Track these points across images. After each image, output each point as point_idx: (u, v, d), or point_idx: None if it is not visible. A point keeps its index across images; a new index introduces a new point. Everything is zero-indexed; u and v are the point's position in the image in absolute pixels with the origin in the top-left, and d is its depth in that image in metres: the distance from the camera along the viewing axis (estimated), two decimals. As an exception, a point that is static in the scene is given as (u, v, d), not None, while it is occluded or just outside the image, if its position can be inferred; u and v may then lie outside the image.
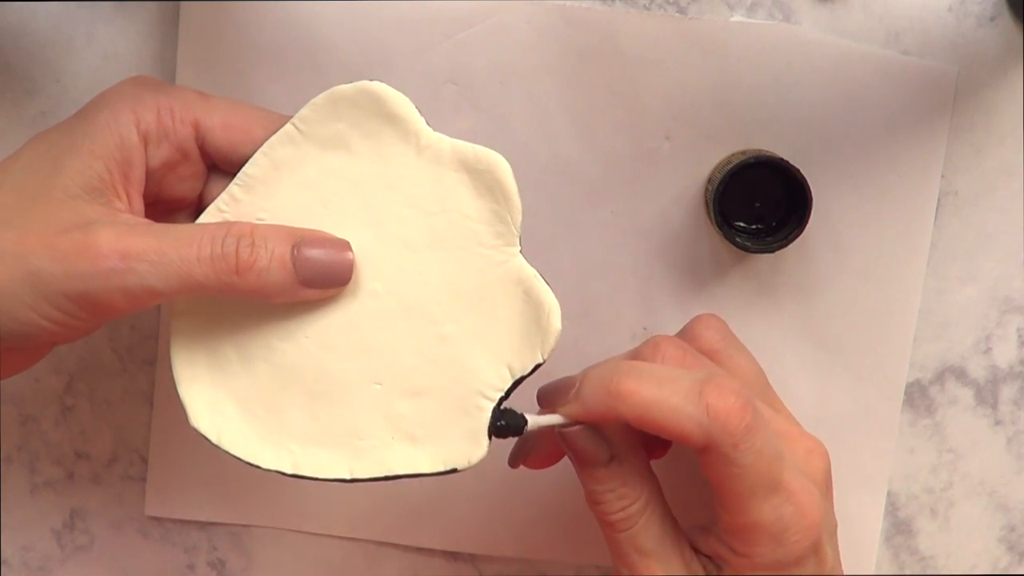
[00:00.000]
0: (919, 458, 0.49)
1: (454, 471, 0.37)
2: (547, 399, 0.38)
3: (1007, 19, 0.45)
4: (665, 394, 0.35)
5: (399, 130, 0.38)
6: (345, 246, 0.37)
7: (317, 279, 0.37)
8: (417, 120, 0.38)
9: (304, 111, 0.38)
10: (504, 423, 0.36)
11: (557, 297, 0.45)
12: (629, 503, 0.37)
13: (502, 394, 0.37)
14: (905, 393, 0.48)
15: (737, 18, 0.45)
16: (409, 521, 0.49)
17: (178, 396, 0.38)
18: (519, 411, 0.37)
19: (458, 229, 0.38)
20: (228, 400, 0.38)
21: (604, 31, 0.45)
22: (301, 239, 0.37)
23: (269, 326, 0.38)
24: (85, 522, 0.50)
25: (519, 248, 0.38)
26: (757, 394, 0.39)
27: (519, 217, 0.37)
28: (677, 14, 0.45)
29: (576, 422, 0.37)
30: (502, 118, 0.46)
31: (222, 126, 0.38)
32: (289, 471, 0.38)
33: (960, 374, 0.48)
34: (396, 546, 0.50)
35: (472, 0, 0.45)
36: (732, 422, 0.34)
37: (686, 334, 0.41)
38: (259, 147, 0.38)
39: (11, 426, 0.49)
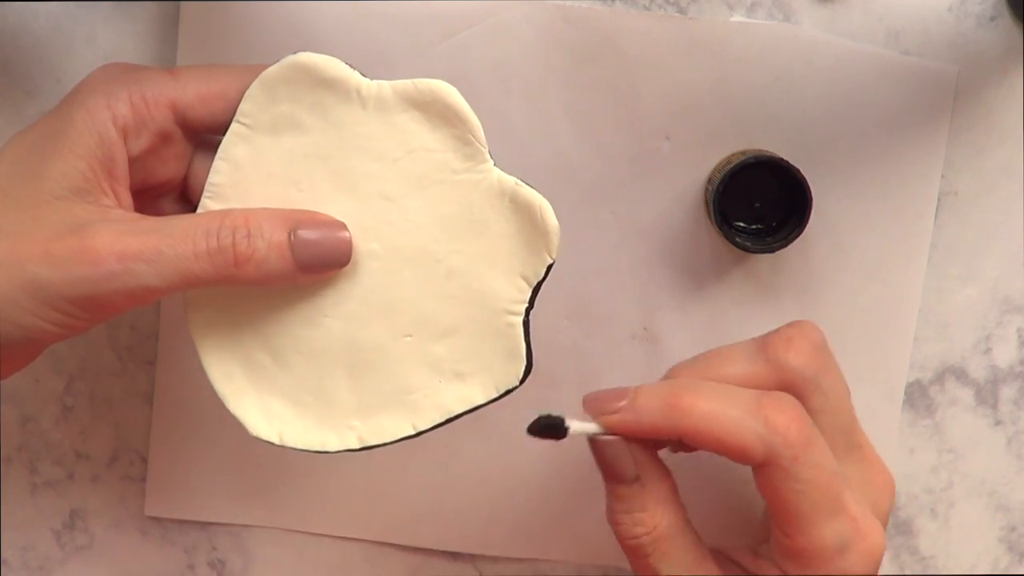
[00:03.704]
0: (919, 458, 0.48)
1: (508, 392, 0.37)
2: (594, 407, 0.37)
3: (1007, 19, 0.45)
4: (724, 408, 0.35)
5: (339, 92, 0.38)
6: (340, 226, 0.37)
7: (316, 264, 0.37)
8: (352, 76, 0.38)
9: (243, 106, 0.38)
10: (545, 424, 0.36)
11: (556, 296, 0.45)
12: (644, 531, 0.37)
13: (525, 304, 0.37)
14: (905, 393, 0.48)
15: (737, 18, 0.45)
16: (409, 521, 0.49)
17: (231, 414, 0.39)
18: (559, 415, 0.36)
19: (427, 165, 0.38)
20: (277, 401, 0.39)
21: (604, 31, 0.45)
22: (297, 223, 0.36)
23: (288, 318, 0.38)
24: (85, 522, 0.50)
25: (491, 162, 0.38)
26: (845, 424, 0.39)
27: (480, 133, 0.38)
28: (677, 14, 0.45)
29: (622, 434, 0.36)
30: (502, 118, 0.46)
31: (198, 100, 0.38)
32: (357, 446, 0.38)
33: (960, 374, 0.48)
34: (396, 546, 0.50)
35: (472, 0, 0.45)
36: (791, 434, 0.34)
37: (768, 351, 0.38)
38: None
39: (11, 426, 0.49)
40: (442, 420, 0.38)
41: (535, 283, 0.37)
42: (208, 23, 0.45)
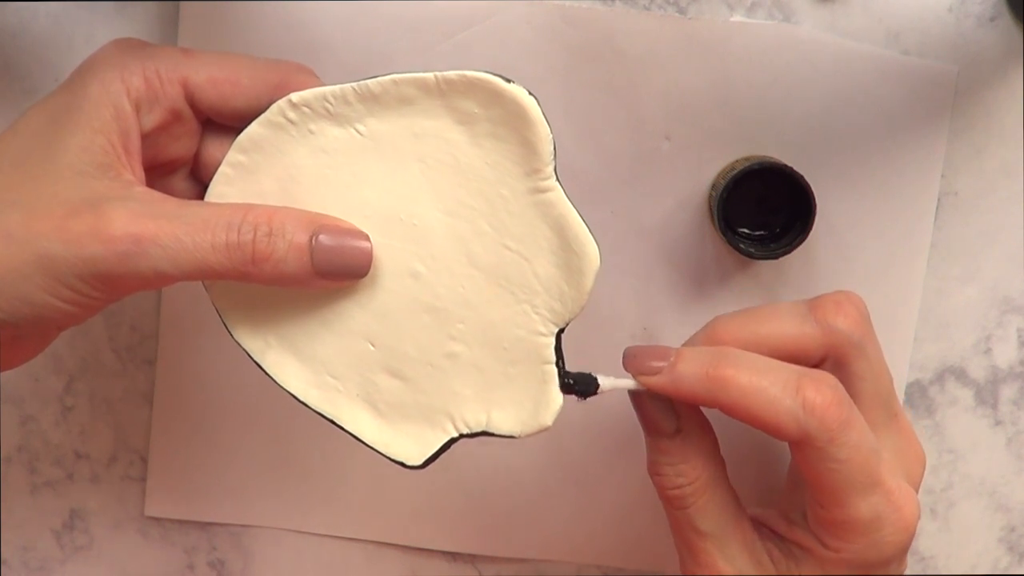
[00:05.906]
0: (919, 458, 0.49)
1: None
2: (633, 363, 0.37)
3: (1007, 19, 0.45)
4: (763, 384, 0.35)
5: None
6: (362, 236, 0.36)
7: (334, 271, 0.36)
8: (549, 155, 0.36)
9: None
10: (576, 383, 0.36)
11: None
12: (686, 482, 0.37)
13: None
14: (905, 393, 0.48)
15: (737, 18, 0.45)
16: (409, 521, 0.49)
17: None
18: (592, 374, 0.36)
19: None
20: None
21: (604, 31, 0.45)
22: (320, 227, 0.36)
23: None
24: (85, 522, 0.50)
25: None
26: (885, 392, 0.39)
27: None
28: (677, 14, 0.45)
29: (657, 395, 0.37)
30: (502, 118, 0.46)
31: (209, 81, 0.37)
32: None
33: (960, 374, 0.48)
34: (396, 546, 0.50)
35: (472, 0, 0.45)
36: (829, 416, 0.34)
37: (818, 313, 0.39)
38: (248, 97, 0.37)
39: (11, 426, 0.49)
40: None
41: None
42: (208, 23, 0.45)
